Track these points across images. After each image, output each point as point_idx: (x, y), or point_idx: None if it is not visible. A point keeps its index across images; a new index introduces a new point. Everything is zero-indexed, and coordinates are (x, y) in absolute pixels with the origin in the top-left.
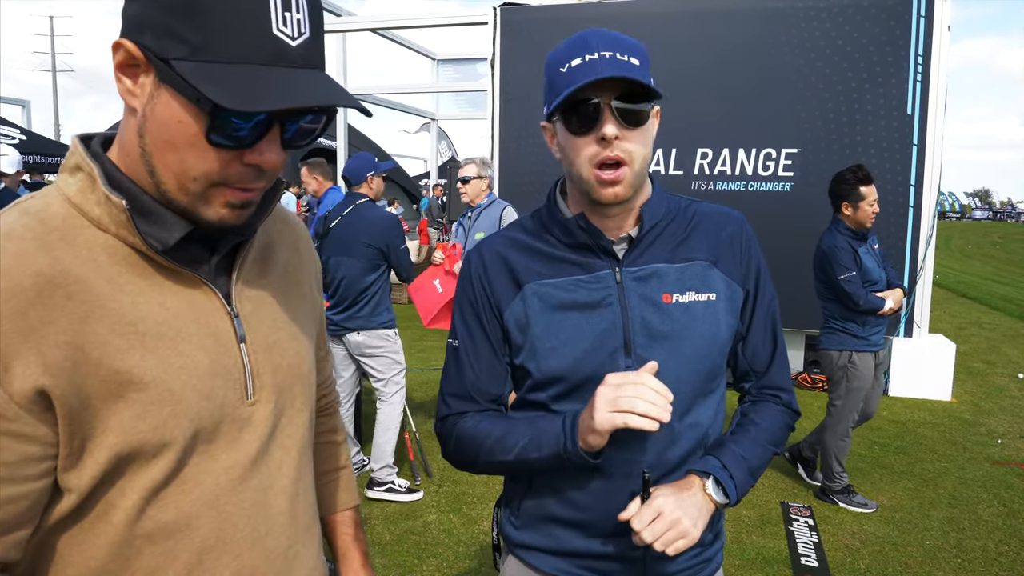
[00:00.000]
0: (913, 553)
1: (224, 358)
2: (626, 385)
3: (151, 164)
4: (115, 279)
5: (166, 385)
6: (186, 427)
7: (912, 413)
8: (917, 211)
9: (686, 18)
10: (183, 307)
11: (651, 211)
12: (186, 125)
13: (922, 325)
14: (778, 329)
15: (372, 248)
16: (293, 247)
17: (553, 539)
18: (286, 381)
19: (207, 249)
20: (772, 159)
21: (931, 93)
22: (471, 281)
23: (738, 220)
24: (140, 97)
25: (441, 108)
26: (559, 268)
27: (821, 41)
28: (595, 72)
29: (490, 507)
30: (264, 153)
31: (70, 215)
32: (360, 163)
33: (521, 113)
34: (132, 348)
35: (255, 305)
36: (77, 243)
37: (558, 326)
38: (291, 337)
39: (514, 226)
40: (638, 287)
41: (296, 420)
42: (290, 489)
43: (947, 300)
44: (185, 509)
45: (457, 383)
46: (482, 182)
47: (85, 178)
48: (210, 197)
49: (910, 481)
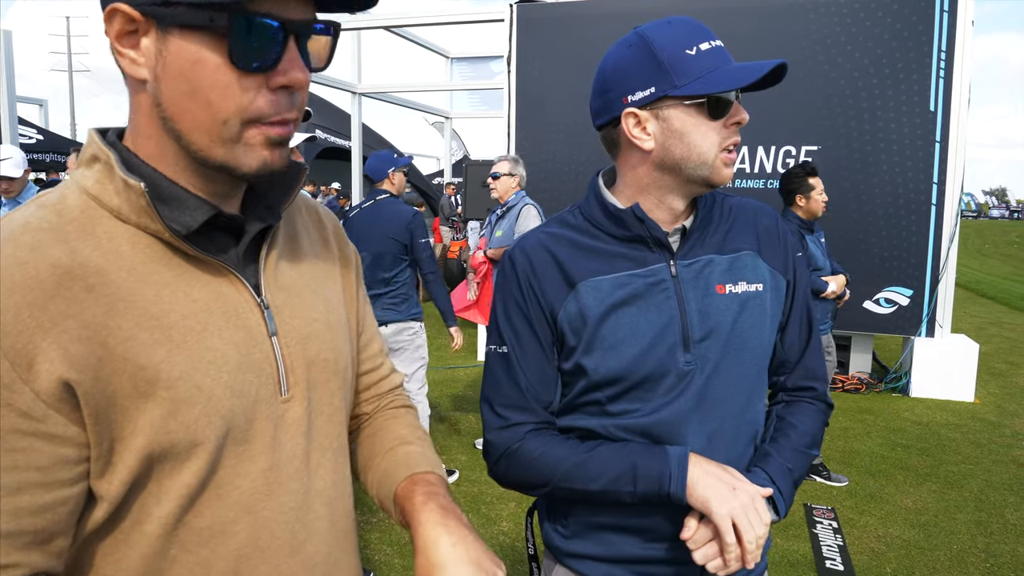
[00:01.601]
0: (940, 557)
1: (255, 352)
2: (752, 511)
3: (176, 130)
4: (137, 270)
5: (194, 381)
6: (218, 426)
7: (935, 414)
8: (940, 209)
9: (704, 14)
10: (210, 299)
11: (704, 201)
12: (204, 61)
13: (944, 325)
14: (813, 319)
15: (394, 241)
16: (323, 240)
17: (608, 546)
18: (322, 376)
19: (232, 238)
20: (792, 156)
21: (954, 89)
22: (517, 282)
23: (772, 212)
24: (147, 62)
25: (455, 106)
26: (612, 263)
27: (842, 37)
28: (759, 68)
29: (508, 507)
30: (289, 72)
31: (88, 206)
32: (380, 160)
33: (537, 112)
34: (158, 343)
35: (287, 296)
36: (96, 234)
37: (615, 324)
38: (326, 330)
39: (557, 222)
40: (693, 279)
41: (334, 419)
42: (329, 492)
43: (967, 300)
44: (221, 514)
45: (510, 392)
46: (512, 180)
47: (102, 168)
48: (248, 140)
49: (935, 483)
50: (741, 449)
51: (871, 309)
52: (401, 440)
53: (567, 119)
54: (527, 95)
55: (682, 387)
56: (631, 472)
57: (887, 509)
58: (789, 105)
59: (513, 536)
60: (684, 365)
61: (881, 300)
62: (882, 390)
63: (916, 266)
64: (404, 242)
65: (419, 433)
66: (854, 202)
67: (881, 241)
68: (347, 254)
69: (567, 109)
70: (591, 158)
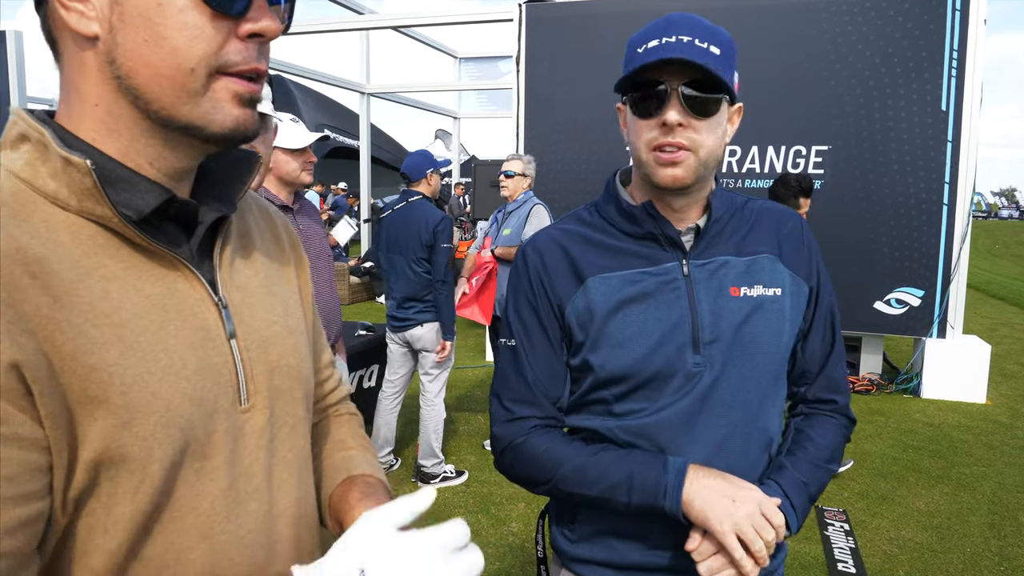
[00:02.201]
0: (954, 560)
1: (213, 356)
2: (758, 518)
3: (134, 88)
4: (81, 262)
5: (151, 388)
6: (176, 439)
7: (946, 416)
8: (951, 209)
9: (714, 13)
10: (164, 295)
11: (720, 201)
12: (171, 2)
13: (956, 326)
14: (837, 329)
15: (422, 245)
16: (275, 239)
17: (613, 552)
18: (284, 384)
19: (183, 230)
20: (802, 156)
21: (966, 89)
22: (527, 276)
23: (797, 216)
24: (99, 13)
25: (463, 107)
26: (623, 260)
27: (853, 35)
28: (665, 53)
29: (518, 508)
30: (259, 20)
31: (19, 190)
32: (420, 160)
33: (547, 112)
34: (109, 343)
35: (244, 296)
36: (33, 221)
37: (623, 321)
38: (287, 333)
39: (571, 218)
40: (706, 279)
41: (297, 430)
42: (292, 511)
43: (978, 301)
44: (175, 541)
45: (517, 386)
46: (524, 180)
47: (32, 148)
48: (215, 93)
49: (947, 486)
50: (754, 457)
51: (882, 310)
52: (341, 446)
53: (576, 119)
54: (536, 95)
55: (689, 388)
56: (627, 482)
57: (899, 511)
58: (799, 104)
59: (523, 537)
60: (693, 366)
61: (892, 301)
62: (893, 391)
63: (927, 266)
64: (429, 244)
65: (361, 441)
66: (865, 202)
67: (892, 241)
68: (300, 255)
69: (576, 109)
70: (600, 158)
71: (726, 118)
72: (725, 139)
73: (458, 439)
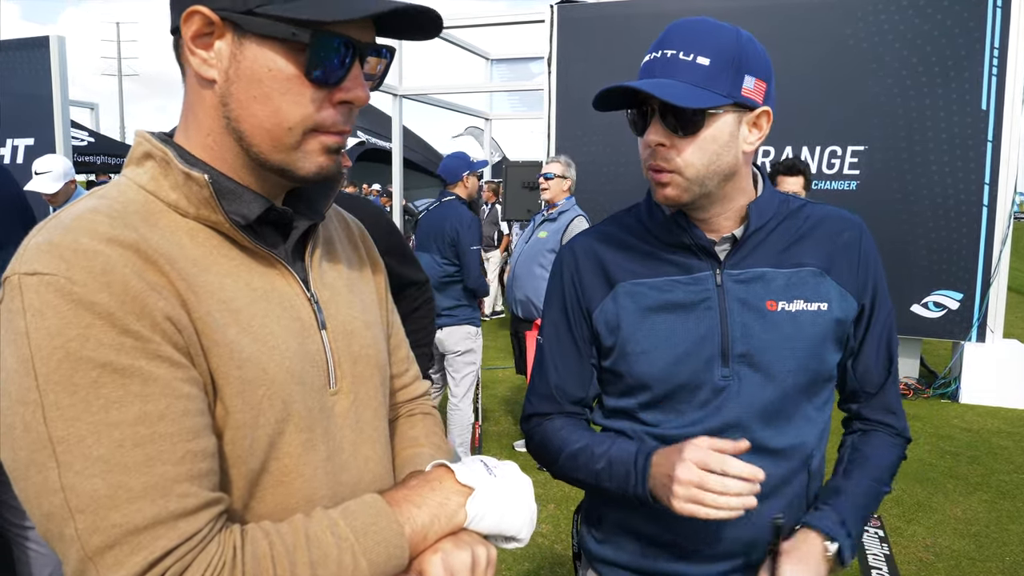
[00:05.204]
0: (992, 569)
1: (308, 343)
2: (711, 478)
3: (239, 131)
4: (200, 260)
5: (261, 364)
6: (279, 410)
7: (985, 421)
8: (991, 211)
9: (748, 13)
10: (267, 289)
11: (759, 210)
12: (278, 71)
13: (996, 330)
14: (894, 348)
15: (449, 246)
16: (352, 244)
17: (638, 557)
18: (365, 372)
19: (279, 234)
20: (837, 157)
21: (1007, 87)
22: (562, 278)
23: (857, 225)
24: (219, 64)
25: (495, 108)
26: (655, 267)
27: (890, 34)
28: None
29: (548, 509)
30: (352, 89)
31: (147, 200)
32: (456, 162)
33: (579, 113)
34: (228, 324)
35: (331, 292)
36: (160, 225)
37: (650, 328)
38: (365, 327)
39: (611, 221)
40: (740, 291)
41: (379, 413)
42: (376, 485)
43: (1018, 304)
44: (283, 502)
45: (540, 383)
46: (564, 182)
47: (156, 165)
48: (306, 146)
49: (986, 493)
50: (785, 473)
51: (919, 313)
52: (412, 443)
53: (608, 120)
54: (568, 96)
55: (718, 403)
56: (608, 469)
57: (936, 518)
58: (835, 104)
59: (552, 538)
60: (720, 380)
61: (929, 304)
62: (930, 396)
63: (966, 269)
64: (452, 242)
65: (434, 439)
66: (902, 203)
67: (930, 243)
68: (375, 259)
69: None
70: (632, 159)
71: (729, 130)
72: (741, 148)
73: (488, 440)
